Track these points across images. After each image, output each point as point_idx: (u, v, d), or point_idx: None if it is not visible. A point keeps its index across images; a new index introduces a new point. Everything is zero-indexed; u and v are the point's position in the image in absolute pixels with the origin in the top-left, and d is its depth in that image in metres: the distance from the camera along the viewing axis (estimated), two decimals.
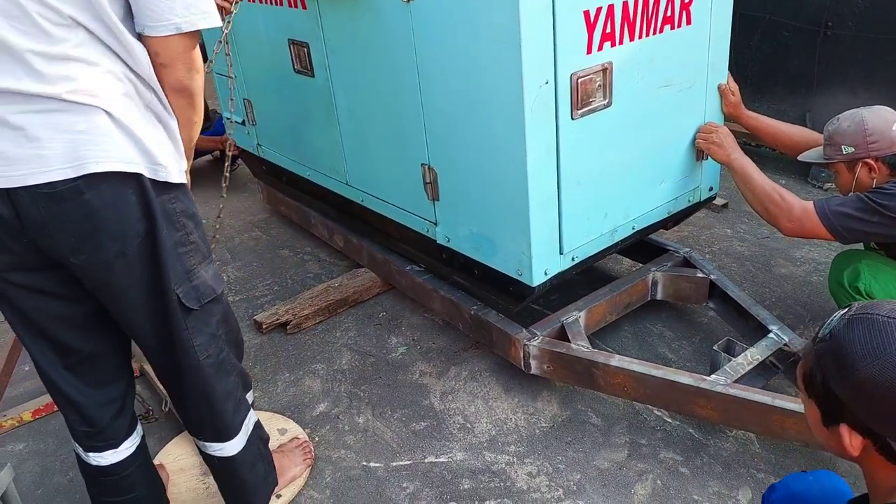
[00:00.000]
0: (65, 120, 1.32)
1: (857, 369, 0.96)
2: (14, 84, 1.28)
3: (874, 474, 1.04)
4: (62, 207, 1.35)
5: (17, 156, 1.32)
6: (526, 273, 2.13)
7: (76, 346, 1.61)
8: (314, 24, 2.51)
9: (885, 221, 2.00)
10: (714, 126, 2.35)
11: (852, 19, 3.47)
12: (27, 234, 1.39)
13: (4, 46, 1.26)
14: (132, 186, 1.40)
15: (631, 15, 2.00)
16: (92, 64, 1.33)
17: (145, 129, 1.40)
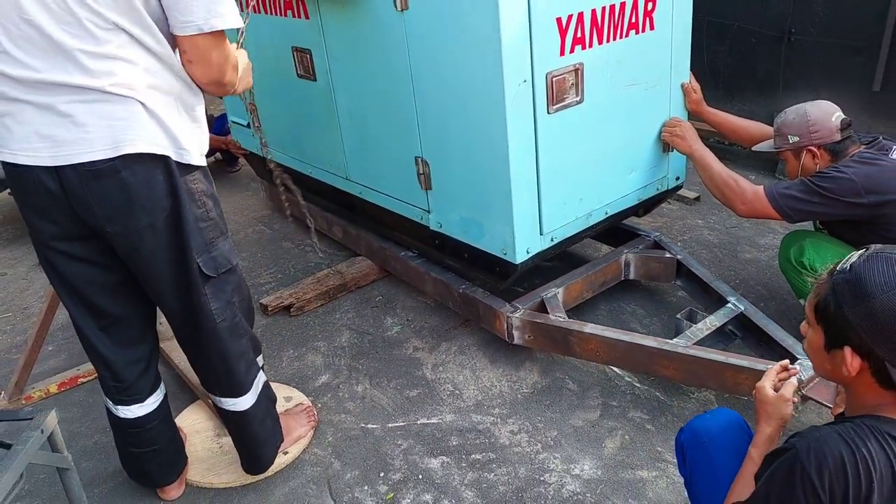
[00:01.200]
0: (107, 108, 1.55)
1: (873, 297, 1.13)
2: (65, 77, 1.52)
3: (862, 395, 1.21)
4: (102, 183, 1.60)
5: (66, 139, 1.56)
6: (510, 252, 2.37)
7: (108, 309, 1.85)
8: (316, 32, 2.76)
9: (825, 202, 2.24)
10: (678, 121, 2.61)
11: (813, 26, 3.74)
12: (71, 206, 1.64)
13: (58, 46, 1.50)
14: (161, 167, 1.64)
15: (599, 21, 2.26)
16: (131, 62, 1.56)
17: (173, 117, 1.64)
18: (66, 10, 1.48)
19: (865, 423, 1.16)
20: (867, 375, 1.18)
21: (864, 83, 3.60)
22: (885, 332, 1.13)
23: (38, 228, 1.71)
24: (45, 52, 1.51)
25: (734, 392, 2.24)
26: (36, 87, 1.53)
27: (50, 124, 1.56)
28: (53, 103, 1.54)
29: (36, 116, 1.56)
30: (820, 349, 1.25)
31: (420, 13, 2.27)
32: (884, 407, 1.18)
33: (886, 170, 2.22)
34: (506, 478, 2.15)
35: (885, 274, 1.14)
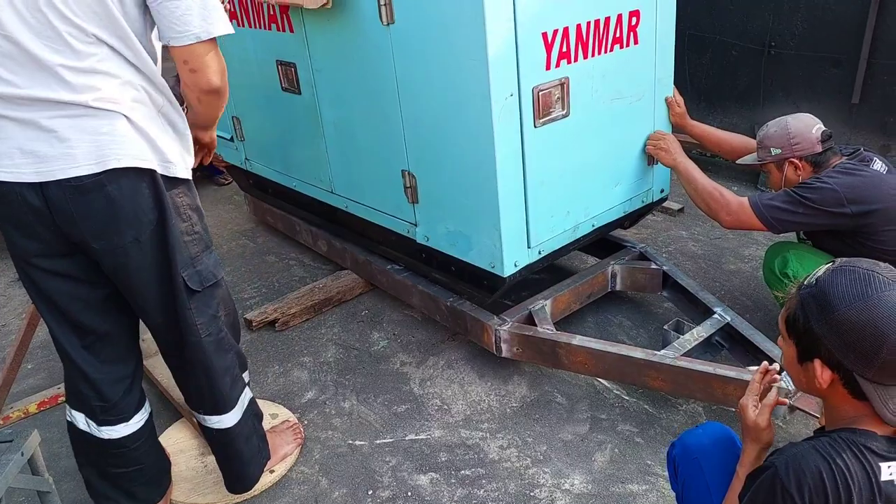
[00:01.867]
0: (91, 123, 1.54)
1: (837, 310, 1.15)
2: (47, 93, 1.50)
3: (839, 408, 1.22)
4: (87, 198, 1.57)
5: (50, 154, 1.54)
6: (498, 265, 2.37)
7: (93, 326, 1.81)
8: (301, 45, 2.75)
9: (809, 212, 2.26)
10: (662, 134, 2.63)
11: (792, 40, 3.79)
12: (55, 222, 1.61)
13: (39, 62, 1.48)
14: (146, 181, 1.62)
15: (584, 36, 2.27)
16: (114, 76, 1.55)
17: (157, 130, 1.63)
18: (45, 25, 1.47)
19: (841, 436, 1.18)
20: (839, 387, 1.20)
21: (843, 95, 3.66)
22: (849, 343, 1.15)
23: (20, 245, 1.68)
24: (26, 68, 1.49)
25: (722, 403, 2.24)
26: (18, 104, 1.51)
27: (33, 140, 1.53)
28: (36, 119, 1.52)
29: (18, 132, 1.54)
30: (793, 362, 1.27)
31: (406, 27, 2.27)
32: (860, 419, 1.19)
33: (868, 180, 2.24)
34: (496, 494, 2.14)
35: (848, 287, 1.16)
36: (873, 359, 1.14)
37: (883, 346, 1.12)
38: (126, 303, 1.82)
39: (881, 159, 2.35)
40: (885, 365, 1.13)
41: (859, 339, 1.14)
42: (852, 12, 3.50)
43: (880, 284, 1.14)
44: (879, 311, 1.13)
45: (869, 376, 1.15)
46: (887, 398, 1.15)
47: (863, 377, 1.16)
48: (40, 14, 1.46)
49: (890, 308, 1.12)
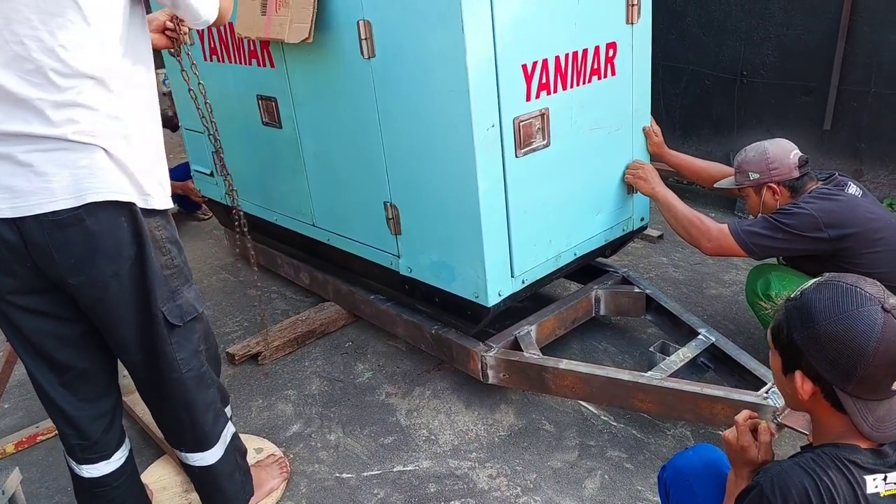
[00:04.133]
0: (69, 157, 1.52)
1: (817, 323, 1.17)
2: (24, 127, 1.48)
3: (824, 421, 1.24)
4: (65, 233, 1.55)
5: (26, 189, 1.51)
6: (482, 295, 2.37)
7: (71, 363, 1.77)
8: (282, 80, 2.77)
9: (788, 237, 2.30)
10: (640, 163, 2.68)
11: (764, 69, 3.90)
12: (31, 258, 1.58)
13: (15, 97, 1.46)
14: (125, 214, 1.60)
15: (563, 68, 2.32)
16: (92, 108, 1.53)
17: (136, 162, 1.61)
18: (26, 59, 1.45)
19: (825, 451, 1.19)
20: (821, 399, 1.22)
21: (814, 122, 3.75)
22: (828, 356, 1.17)
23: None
24: (2, 103, 1.47)
25: (710, 423, 2.26)
26: None
27: (9, 174, 1.51)
28: (12, 153, 1.50)
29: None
30: (780, 374, 1.29)
31: (387, 61, 2.30)
32: (846, 434, 1.21)
33: (844, 204, 2.29)
34: None
35: (830, 301, 1.18)
36: (852, 373, 1.16)
37: (860, 361, 1.14)
38: (102, 340, 1.79)
39: (855, 183, 2.40)
40: (864, 379, 1.16)
41: (838, 353, 1.16)
42: (821, 42, 3.61)
43: (861, 299, 1.17)
44: (858, 327, 1.15)
45: (848, 390, 1.17)
46: (867, 412, 1.17)
47: (842, 390, 1.18)
48: (19, 46, 1.44)
49: (868, 323, 1.15)
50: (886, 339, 1.14)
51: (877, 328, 1.14)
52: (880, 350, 1.14)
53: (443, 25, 2.07)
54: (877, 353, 1.14)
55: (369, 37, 2.30)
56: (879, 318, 1.15)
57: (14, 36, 1.43)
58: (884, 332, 1.14)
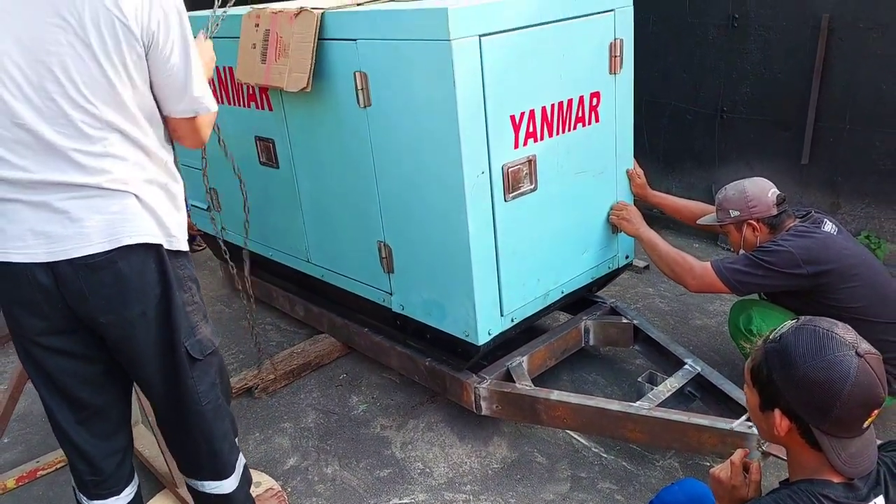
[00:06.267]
0: (102, 203, 1.63)
1: (796, 366, 1.26)
2: (60, 176, 1.59)
3: (798, 457, 1.33)
4: (99, 275, 1.65)
5: (61, 234, 1.62)
6: (472, 334, 2.47)
7: (89, 401, 1.87)
8: (280, 123, 2.87)
9: (768, 274, 2.40)
10: (624, 205, 2.80)
11: (743, 106, 4.04)
12: (64, 300, 1.67)
13: (52, 147, 1.58)
14: (153, 255, 1.71)
15: (549, 117, 2.43)
16: (123, 158, 1.65)
17: (163, 206, 1.73)
18: (59, 113, 1.56)
19: (801, 487, 1.28)
20: (797, 436, 1.30)
21: (793, 157, 3.88)
22: (806, 397, 1.26)
23: (24, 324, 1.73)
24: (39, 154, 1.58)
25: (698, 451, 2.35)
26: (30, 187, 1.60)
27: (45, 221, 1.61)
28: (48, 201, 1.60)
29: (30, 214, 1.61)
30: (756, 410, 1.38)
31: (382, 109, 2.41)
32: (819, 470, 1.30)
33: (821, 241, 2.40)
34: None
35: (808, 344, 1.28)
36: (827, 413, 1.25)
37: (836, 403, 1.24)
38: (121, 378, 1.89)
39: (831, 220, 2.52)
40: (838, 420, 1.25)
41: (815, 395, 1.25)
42: (797, 81, 3.75)
43: (837, 345, 1.27)
44: (834, 370, 1.24)
45: (824, 428, 1.27)
46: (840, 449, 1.27)
47: (818, 429, 1.27)
48: (52, 102, 1.56)
49: (844, 368, 1.24)
50: (860, 383, 1.24)
51: (851, 372, 1.24)
52: (854, 393, 1.24)
53: (436, 78, 2.18)
54: (851, 395, 1.24)
55: (365, 87, 2.41)
56: (854, 362, 1.25)
57: (47, 93, 1.56)
58: (857, 376, 1.24)
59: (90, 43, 1.55)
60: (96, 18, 1.55)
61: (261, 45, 2.64)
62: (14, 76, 1.55)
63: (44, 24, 1.54)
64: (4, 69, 1.55)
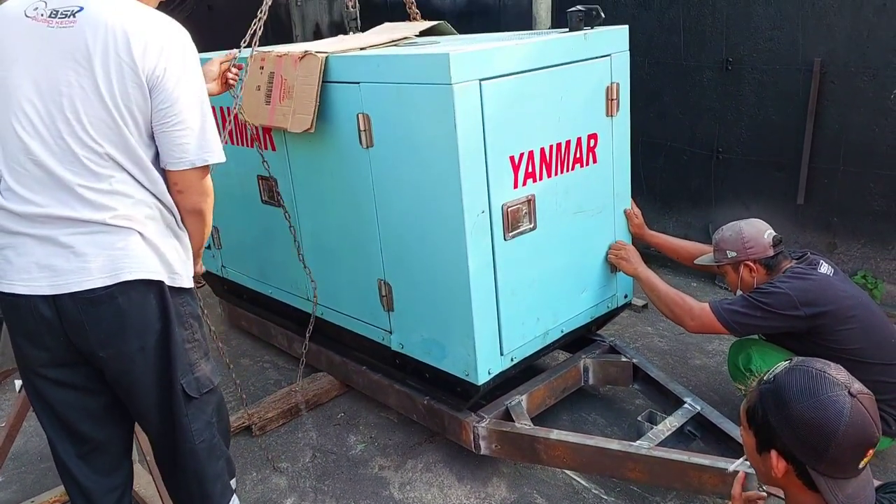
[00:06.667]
0: (106, 239, 1.67)
1: (790, 406, 1.28)
2: (67, 212, 1.65)
3: (797, 499, 1.33)
4: (99, 309, 1.68)
5: (65, 268, 1.66)
6: (472, 373, 2.47)
7: (91, 435, 1.88)
8: (283, 162, 2.91)
9: (766, 315, 2.42)
10: (622, 244, 2.83)
11: (738, 146, 4.10)
12: (65, 332, 1.70)
13: (61, 182, 1.64)
14: (154, 291, 1.74)
15: (548, 157, 2.48)
16: (128, 196, 1.69)
17: (167, 244, 1.76)
18: (67, 150, 1.63)
19: None
20: (794, 478, 1.31)
21: (788, 197, 3.92)
22: (801, 438, 1.27)
23: (29, 355, 1.76)
24: (48, 188, 1.64)
25: (699, 491, 2.33)
26: (38, 221, 1.65)
27: (50, 255, 1.65)
28: (55, 235, 1.65)
29: (37, 248, 1.66)
30: (753, 452, 1.38)
31: (385, 150, 2.45)
32: None
33: (817, 283, 2.43)
34: None
35: (802, 384, 1.30)
36: (823, 453, 1.26)
37: (831, 442, 1.25)
38: (122, 413, 1.90)
39: (827, 262, 2.54)
40: (834, 460, 1.26)
41: (810, 435, 1.26)
42: (791, 122, 3.82)
43: (830, 385, 1.28)
44: (828, 411, 1.26)
45: (820, 469, 1.27)
46: (837, 490, 1.27)
47: (815, 470, 1.28)
48: (62, 141, 1.63)
49: (837, 408, 1.26)
50: (854, 423, 1.25)
51: (845, 412, 1.25)
52: (849, 433, 1.25)
53: (437, 120, 2.22)
54: (846, 435, 1.25)
55: (368, 128, 2.45)
56: (847, 402, 1.26)
57: (58, 132, 1.63)
58: (851, 416, 1.25)
59: (99, 86, 1.62)
60: (107, 63, 1.61)
61: (265, 87, 2.69)
62: (29, 115, 1.63)
63: (59, 67, 1.61)
64: (21, 108, 1.63)
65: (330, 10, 6.57)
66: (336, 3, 6.43)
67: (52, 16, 1.63)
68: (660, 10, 4.25)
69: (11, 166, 1.65)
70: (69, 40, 1.62)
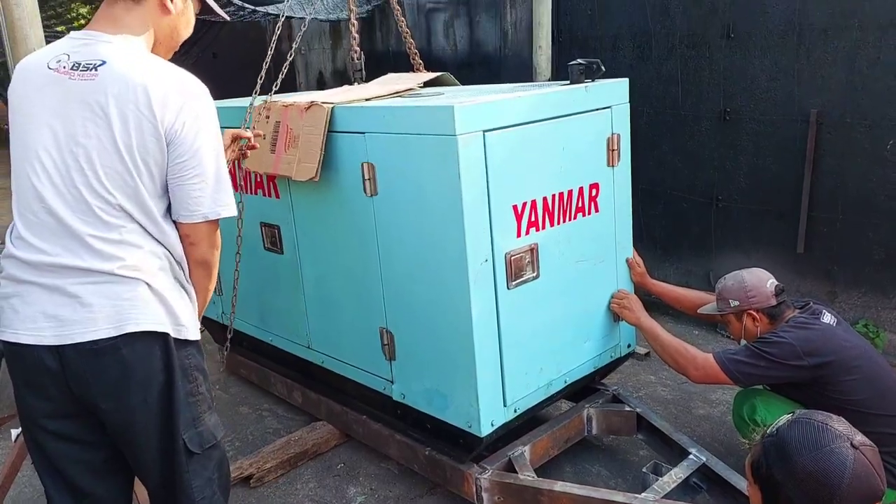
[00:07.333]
0: (114, 289, 1.66)
1: (793, 459, 1.27)
2: (76, 261, 1.64)
3: None
4: (103, 360, 1.66)
5: (71, 318, 1.64)
6: (475, 425, 2.43)
7: (90, 489, 1.84)
8: (286, 210, 2.93)
9: (770, 365, 2.41)
10: (624, 293, 2.82)
11: (737, 194, 4.13)
12: (67, 383, 1.68)
13: (71, 232, 1.64)
14: (159, 343, 1.72)
15: (550, 206, 2.49)
16: (138, 247, 1.69)
17: (174, 295, 1.75)
18: (80, 200, 1.64)
19: None
20: None
21: (788, 245, 3.94)
22: (805, 491, 1.26)
23: (31, 406, 1.74)
24: (58, 237, 1.64)
25: None
26: (46, 270, 1.64)
27: (57, 305, 1.64)
28: (62, 285, 1.64)
29: (44, 297, 1.65)
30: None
31: (389, 198, 2.47)
32: None
33: (821, 333, 2.42)
34: None
35: (804, 437, 1.29)
36: None
37: (835, 496, 1.24)
38: (122, 467, 1.86)
39: (830, 311, 2.54)
40: None
41: (814, 488, 1.25)
42: (789, 171, 3.86)
43: (833, 437, 1.27)
44: (831, 463, 1.25)
45: None
46: None
47: None
48: (76, 190, 1.64)
49: (840, 460, 1.25)
50: (857, 475, 1.24)
51: (848, 464, 1.25)
52: (853, 485, 1.24)
53: (441, 170, 2.25)
54: (850, 487, 1.24)
55: (372, 177, 2.47)
56: (850, 454, 1.26)
57: (71, 181, 1.64)
58: (855, 468, 1.25)
59: (116, 138, 1.64)
60: (125, 115, 1.64)
61: (270, 136, 2.72)
62: (45, 164, 1.65)
63: (78, 118, 1.64)
64: (38, 158, 1.65)
65: (333, 59, 6.69)
66: (339, 51, 6.56)
67: (75, 68, 1.66)
68: (658, 61, 4.33)
69: (24, 214, 1.67)
70: (90, 92, 1.64)
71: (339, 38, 6.49)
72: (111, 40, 1.71)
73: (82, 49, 1.69)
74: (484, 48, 5.28)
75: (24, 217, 1.67)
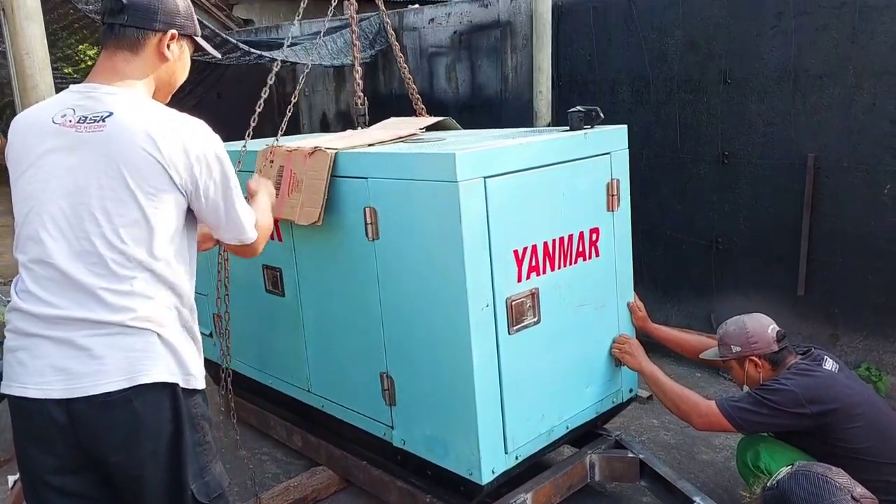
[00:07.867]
0: (125, 341, 1.65)
1: None
2: (86, 314, 1.63)
3: None
4: (113, 413, 1.65)
5: (81, 371, 1.63)
6: (476, 472, 2.41)
7: None
8: (288, 253, 2.94)
9: (773, 413, 2.40)
10: (626, 338, 2.82)
11: (736, 237, 4.15)
12: (76, 436, 1.66)
13: (80, 285, 1.63)
14: (168, 394, 1.71)
15: (551, 251, 2.51)
16: (149, 297, 1.69)
17: (183, 345, 1.75)
18: (93, 252, 1.64)
19: None
20: None
21: (788, 288, 3.94)
22: None
23: (36, 461, 1.71)
24: (66, 290, 1.63)
25: None
26: (55, 323, 1.63)
27: (66, 357, 1.63)
28: (72, 337, 1.63)
29: (53, 350, 1.63)
30: None
31: (390, 243, 2.49)
32: None
33: (823, 380, 2.41)
34: None
35: (806, 490, 1.31)
36: None
37: None
38: None
39: (831, 357, 2.54)
40: None
41: None
42: (788, 214, 3.88)
43: (833, 490, 1.27)
44: None
45: None
46: None
47: None
48: (88, 242, 1.64)
49: None
50: None
51: None
52: None
53: (443, 216, 2.27)
54: None
55: (374, 222, 2.49)
56: None
57: (84, 233, 1.64)
58: None
59: (132, 188, 1.65)
60: (137, 164, 1.65)
61: (274, 180, 2.75)
62: (57, 218, 1.65)
63: (89, 170, 1.65)
64: (49, 213, 1.65)
65: (337, 101, 6.79)
66: (343, 93, 6.65)
67: (81, 121, 1.68)
68: (656, 105, 4.39)
69: (31, 268, 1.66)
70: (99, 144, 1.66)
71: (342, 81, 6.58)
72: (115, 91, 1.73)
73: (86, 102, 1.71)
74: (485, 92, 5.36)
75: (31, 271, 1.66)
